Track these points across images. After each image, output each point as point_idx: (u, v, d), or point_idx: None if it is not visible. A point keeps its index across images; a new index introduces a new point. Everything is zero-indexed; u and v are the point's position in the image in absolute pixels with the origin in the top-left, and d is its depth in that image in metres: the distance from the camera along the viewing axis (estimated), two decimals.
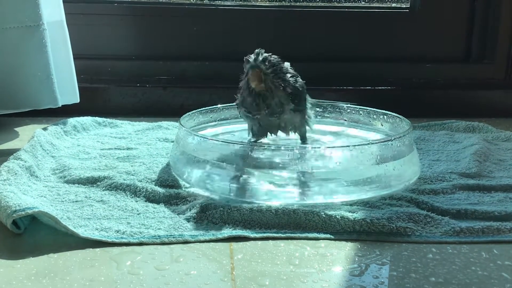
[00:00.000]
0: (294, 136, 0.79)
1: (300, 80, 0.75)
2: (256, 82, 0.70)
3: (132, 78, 1.13)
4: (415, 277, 0.50)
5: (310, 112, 0.78)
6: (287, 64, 0.75)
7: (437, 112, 1.10)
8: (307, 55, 1.19)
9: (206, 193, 0.66)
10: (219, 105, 0.86)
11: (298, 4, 1.24)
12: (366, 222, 0.58)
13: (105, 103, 1.09)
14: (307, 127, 0.78)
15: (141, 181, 0.69)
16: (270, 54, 0.72)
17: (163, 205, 0.64)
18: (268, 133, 0.77)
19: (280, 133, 0.78)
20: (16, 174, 0.67)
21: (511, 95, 1.14)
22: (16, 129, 0.97)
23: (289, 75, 0.73)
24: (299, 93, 0.74)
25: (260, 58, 0.70)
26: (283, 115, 0.74)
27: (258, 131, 0.76)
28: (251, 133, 0.77)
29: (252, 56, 0.71)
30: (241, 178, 0.64)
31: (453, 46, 1.21)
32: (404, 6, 1.24)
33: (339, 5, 1.24)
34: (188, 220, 0.60)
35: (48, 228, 0.57)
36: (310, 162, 0.64)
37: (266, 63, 0.70)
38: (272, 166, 0.64)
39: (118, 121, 0.99)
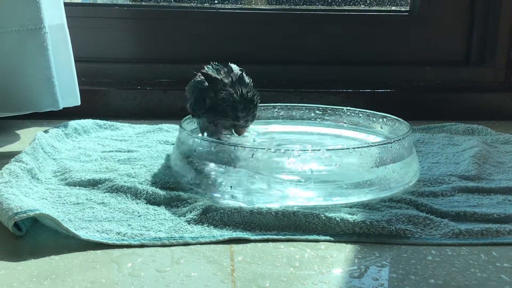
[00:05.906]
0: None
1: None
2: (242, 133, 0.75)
3: (132, 81, 1.14)
4: (415, 279, 0.50)
5: None
6: (234, 67, 0.76)
7: (437, 114, 1.10)
8: (307, 58, 1.19)
9: (207, 195, 0.66)
10: None
11: (297, 7, 1.25)
12: (365, 224, 0.58)
13: (106, 105, 1.10)
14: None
15: (141, 184, 0.69)
16: (242, 71, 0.74)
17: (163, 207, 0.64)
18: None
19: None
20: (17, 176, 0.67)
21: (510, 98, 1.14)
22: (17, 131, 0.97)
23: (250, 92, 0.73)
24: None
25: (250, 117, 0.73)
26: None
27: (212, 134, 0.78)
28: (203, 134, 0.78)
29: (241, 111, 0.71)
30: (241, 180, 0.65)
31: (452, 49, 1.22)
32: (403, 9, 1.25)
33: (339, 8, 1.25)
34: (188, 222, 0.60)
35: (49, 230, 0.58)
36: (310, 164, 0.65)
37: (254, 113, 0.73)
38: (272, 168, 0.65)
39: (119, 124, 0.99)
